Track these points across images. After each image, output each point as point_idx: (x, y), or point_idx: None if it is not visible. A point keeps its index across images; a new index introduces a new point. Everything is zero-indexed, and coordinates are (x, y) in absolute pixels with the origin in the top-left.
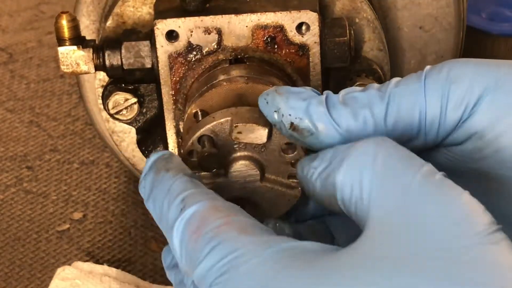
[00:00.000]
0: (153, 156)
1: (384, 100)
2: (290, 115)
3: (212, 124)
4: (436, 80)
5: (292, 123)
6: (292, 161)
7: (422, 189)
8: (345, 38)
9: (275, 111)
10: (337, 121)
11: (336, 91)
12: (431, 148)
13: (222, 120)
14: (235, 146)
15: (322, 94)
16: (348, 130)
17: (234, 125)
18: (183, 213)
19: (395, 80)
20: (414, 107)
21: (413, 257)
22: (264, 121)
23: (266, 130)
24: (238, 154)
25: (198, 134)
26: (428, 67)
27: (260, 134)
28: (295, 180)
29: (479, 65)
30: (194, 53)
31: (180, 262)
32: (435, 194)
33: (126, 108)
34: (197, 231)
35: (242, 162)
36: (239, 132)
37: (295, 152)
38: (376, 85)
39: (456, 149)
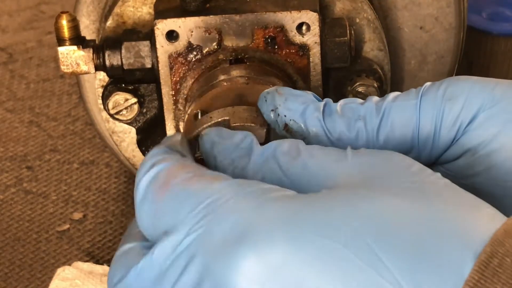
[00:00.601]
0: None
1: (379, 114)
2: (285, 116)
3: (209, 123)
4: (432, 98)
5: (286, 124)
6: None
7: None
8: (346, 38)
9: (272, 110)
10: (330, 129)
11: (336, 91)
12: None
13: (219, 119)
14: None
15: (322, 100)
16: (340, 139)
17: (232, 124)
18: (150, 170)
19: (392, 94)
20: (408, 124)
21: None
22: (262, 121)
23: (264, 130)
24: None
25: (195, 133)
26: (427, 84)
27: (258, 134)
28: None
29: (476, 83)
30: (194, 53)
31: (142, 226)
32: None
33: (126, 108)
34: (163, 186)
35: None
36: None
37: None
38: (375, 98)
39: (449, 165)
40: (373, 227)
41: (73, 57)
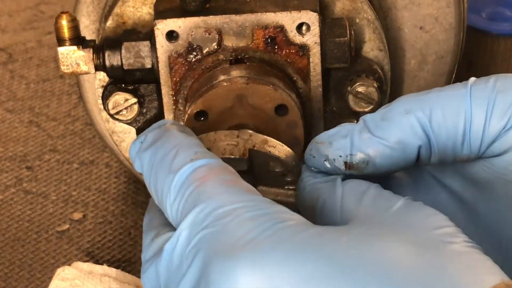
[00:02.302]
0: (163, 121)
1: (427, 103)
2: (340, 156)
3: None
4: (482, 89)
5: (346, 163)
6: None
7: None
8: (346, 38)
9: (325, 161)
10: (385, 138)
11: (336, 91)
12: (473, 159)
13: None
14: None
15: (357, 121)
16: (399, 141)
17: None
18: (194, 161)
19: (436, 88)
20: (459, 113)
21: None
22: (242, 147)
23: (244, 160)
24: None
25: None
26: (473, 78)
27: (238, 166)
28: (291, 188)
29: None
30: (194, 53)
31: (171, 208)
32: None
33: (126, 108)
34: (203, 178)
35: None
36: None
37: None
38: (412, 94)
39: (495, 160)
40: (374, 275)
41: (73, 57)
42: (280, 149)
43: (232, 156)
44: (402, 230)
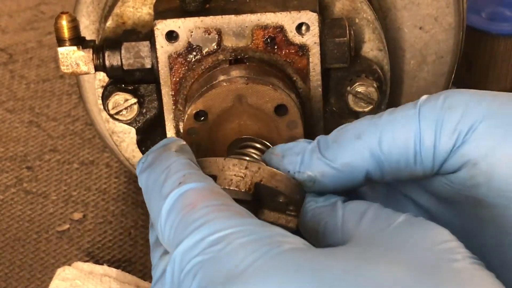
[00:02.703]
0: (166, 140)
1: (378, 128)
2: (289, 171)
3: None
4: (431, 108)
5: (293, 178)
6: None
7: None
8: (345, 38)
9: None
10: (332, 160)
11: (336, 91)
12: (429, 176)
13: (207, 173)
14: None
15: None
16: (346, 164)
17: (217, 183)
18: (181, 186)
19: (389, 110)
20: (409, 134)
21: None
22: (249, 181)
23: (250, 194)
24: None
25: None
26: (424, 96)
27: (242, 196)
28: (292, 213)
29: (474, 95)
30: (194, 53)
31: (162, 234)
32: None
33: (126, 108)
34: (191, 205)
35: None
36: None
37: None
38: (368, 116)
39: (451, 176)
40: None
41: (73, 58)
42: (286, 183)
43: (237, 189)
44: (401, 249)
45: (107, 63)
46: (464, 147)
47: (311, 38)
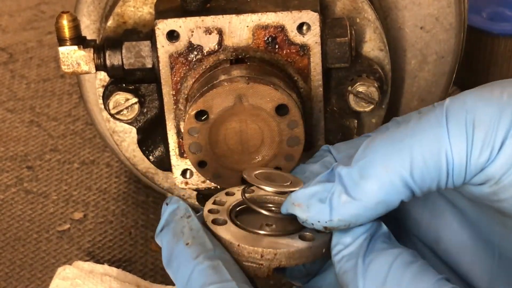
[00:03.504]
0: (168, 208)
1: (405, 153)
2: (319, 221)
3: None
4: (458, 124)
5: (326, 228)
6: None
7: None
8: (346, 38)
9: (303, 222)
10: (366, 200)
11: (336, 91)
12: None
13: (228, 241)
14: None
15: (333, 164)
16: (379, 202)
17: (236, 258)
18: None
19: (406, 123)
20: (440, 156)
21: None
22: (269, 256)
23: (267, 270)
24: None
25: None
26: (444, 107)
27: (260, 273)
28: (307, 233)
29: (495, 106)
30: (195, 53)
31: None
32: None
33: (126, 108)
34: None
35: None
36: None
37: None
38: (384, 130)
39: (474, 188)
40: None
41: (73, 57)
42: (305, 255)
43: (255, 265)
44: None
45: (108, 62)
46: (489, 165)
47: (312, 38)
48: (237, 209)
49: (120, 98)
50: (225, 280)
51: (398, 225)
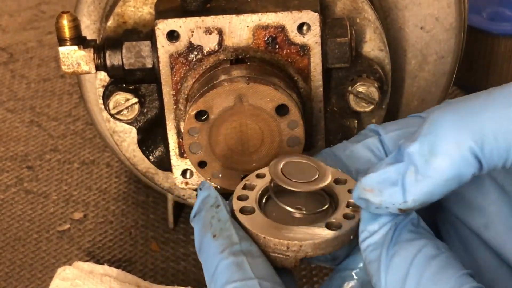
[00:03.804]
0: (201, 195)
1: (477, 132)
2: (393, 204)
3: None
4: None
5: (400, 209)
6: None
7: None
8: (346, 38)
9: (376, 208)
10: (439, 177)
11: (336, 91)
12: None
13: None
14: None
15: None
16: (454, 177)
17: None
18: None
19: (482, 101)
20: (510, 136)
21: None
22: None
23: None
24: None
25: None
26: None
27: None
28: (334, 220)
29: None
30: (195, 53)
31: None
32: None
33: (127, 108)
34: None
35: None
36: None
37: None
38: (454, 105)
39: None
40: None
41: (74, 57)
42: (332, 244)
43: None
44: None
45: (108, 62)
46: None
47: (312, 38)
48: (267, 194)
49: (120, 98)
50: (247, 278)
51: (441, 207)
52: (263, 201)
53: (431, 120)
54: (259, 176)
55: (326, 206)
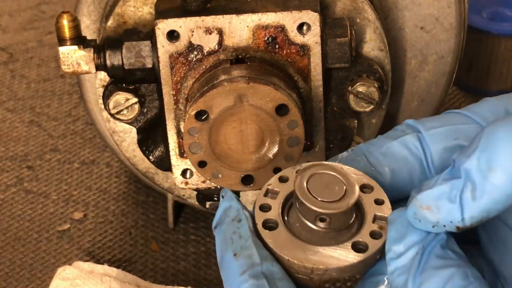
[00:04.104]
0: (222, 205)
1: None
2: (451, 222)
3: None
4: None
5: (458, 227)
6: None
7: None
8: (346, 38)
9: (433, 227)
10: (499, 193)
11: (337, 91)
12: None
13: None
14: None
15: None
16: (509, 194)
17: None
18: None
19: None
20: None
21: None
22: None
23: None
24: None
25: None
26: None
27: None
28: (361, 240)
29: None
30: (195, 53)
31: None
32: None
33: (127, 108)
34: None
35: None
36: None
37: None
38: (503, 117)
39: None
40: None
41: (74, 57)
42: (356, 269)
43: (306, 277)
44: None
45: (108, 62)
46: None
47: (312, 38)
48: (290, 201)
49: (120, 98)
50: None
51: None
52: (286, 208)
53: (488, 134)
54: (282, 180)
55: (352, 219)
